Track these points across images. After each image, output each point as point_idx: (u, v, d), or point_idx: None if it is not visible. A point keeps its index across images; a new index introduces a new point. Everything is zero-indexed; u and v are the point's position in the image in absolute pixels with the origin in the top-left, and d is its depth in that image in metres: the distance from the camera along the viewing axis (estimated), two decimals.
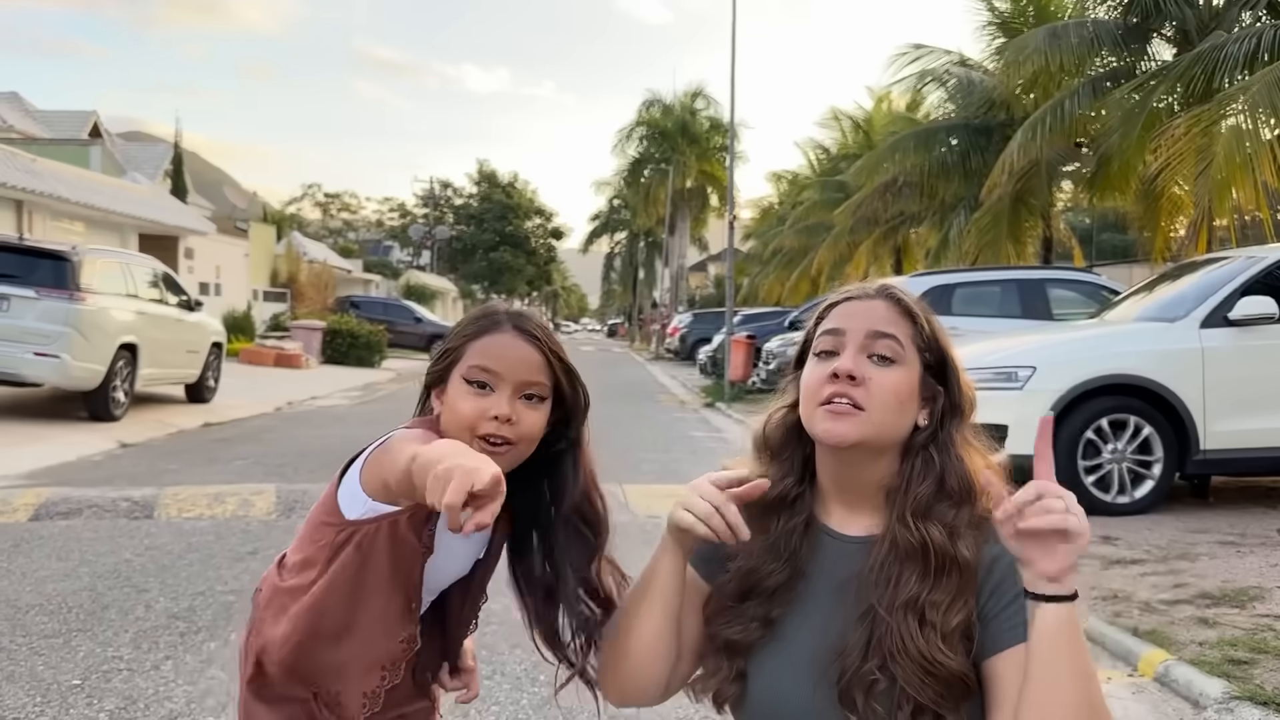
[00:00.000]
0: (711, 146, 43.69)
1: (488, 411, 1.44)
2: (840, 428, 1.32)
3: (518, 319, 1.52)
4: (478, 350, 1.48)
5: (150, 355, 11.35)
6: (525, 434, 1.47)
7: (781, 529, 1.40)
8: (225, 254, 26.61)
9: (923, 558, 1.30)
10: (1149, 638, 3.97)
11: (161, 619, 4.17)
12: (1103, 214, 31.55)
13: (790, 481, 1.43)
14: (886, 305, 1.38)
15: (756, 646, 1.38)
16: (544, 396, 1.50)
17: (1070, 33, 13.41)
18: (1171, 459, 6.49)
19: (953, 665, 1.25)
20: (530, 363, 1.48)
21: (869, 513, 1.39)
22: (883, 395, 1.32)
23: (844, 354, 1.34)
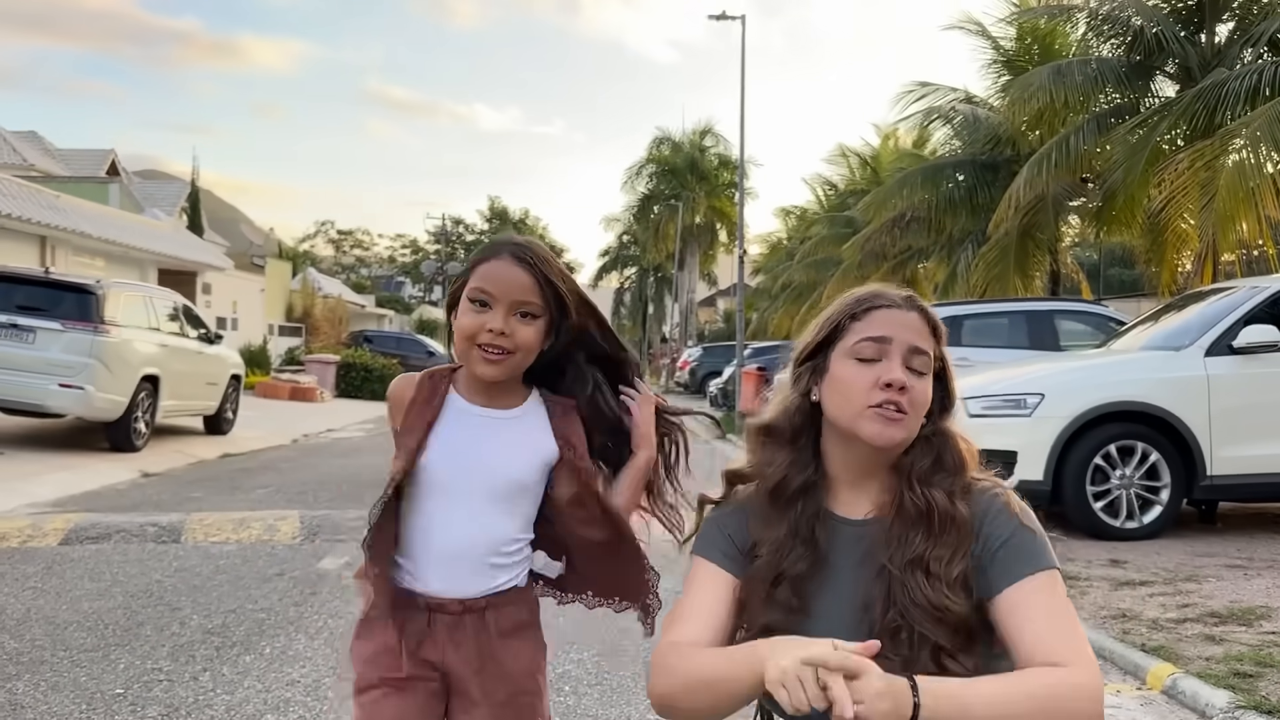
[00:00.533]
0: (720, 183, 44.04)
1: (484, 325, 1.69)
2: (893, 433, 1.50)
3: (516, 247, 1.75)
4: (479, 274, 1.72)
5: (171, 387, 11.54)
6: (520, 345, 1.71)
7: (800, 515, 1.56)
8: (242, 289, 26.93)
9: (927, 519, 1.49)
10: (1157, 653, 4.07)
11: (196, 634, 4.30)
12: (1109, 249, 31.73)
13: (811, 471, 1.58)
14: (919, 319, 1.55)
15: (793, 626, 1.50)
16: (536, 314, 1.72)
17: (1075, 70, 13.64)
18: (1179, 484, 6.59)
19: (957, 609, 1.44)
20: (523, 285, 1.70)
21: (874, 493, 1.56)
22: (920, 404, 1.52)
23: (892, 364, 1.51)
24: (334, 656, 4.00)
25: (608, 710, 3.55)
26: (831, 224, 29.20)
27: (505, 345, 1.70)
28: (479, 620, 1.75)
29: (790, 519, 1.56)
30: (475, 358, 1.71)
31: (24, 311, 10.22)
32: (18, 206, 15.81)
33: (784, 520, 1.56)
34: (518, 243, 1.76)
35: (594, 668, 3.98)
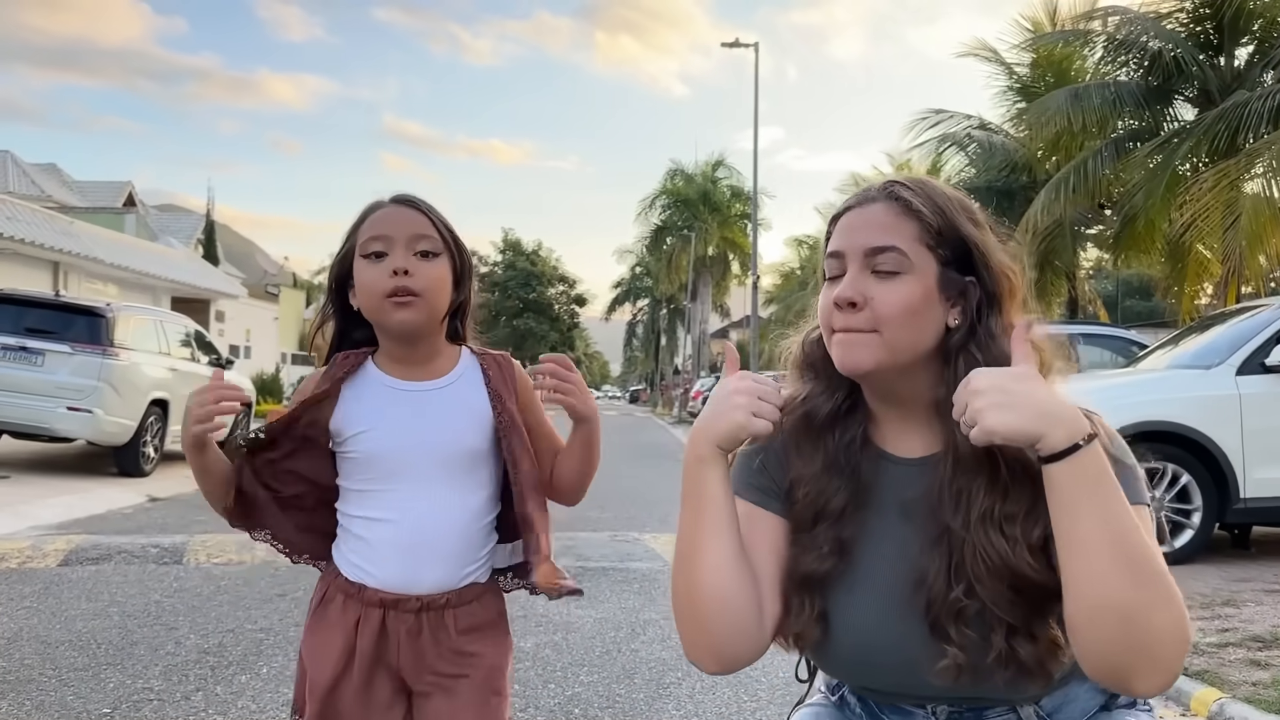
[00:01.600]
0: (732, 214, 44.08)
1: (387, 269, 1.54)
2: (852, 356, 1.24)
3: (398, 196, 1.62)
4: (367, 227, 1.58)
5: (181, 411, 11.39)
6: (428, 285, 1.55)
7: (838, 445, 1.33)
8: (255, 318, 26.93)
9: (990, 467, 1.20)
10: (1201, 678, 3.85)
11: (192, 654, 4.13)
12: (1126, 279, 31.55)
13: (840, 396, 1.35)
14: (885, 208, 1.26)
15: (834, 580, 1.29)
16: (436, 252, 1.57)
17: (1093, 94, 13.55)
18: (1211, 508, 6.37)
19: (1039, 579, 1.17)
20: (415, 221, 1.58)
21: (922, 429, 1.30)
22: (889, 313, 1.22)
23: (845, 277, 1.26)
24: None
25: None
26: None
27: (413, 286, 1.54)
28: (438, 620, 1.58)
29: (827, 448, 1.33)
30: (388, 309, 1.55)
31: (33, 334, 10.15)
32: (30, 231, 15.83)
33: (819, 450, 1.33)
34: (401, 193, 1.64)
35: (605, 690, 3.79)
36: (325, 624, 1.59)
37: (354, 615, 1.57)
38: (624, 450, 19.08)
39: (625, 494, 10.61)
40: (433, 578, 1.57)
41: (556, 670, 4.00)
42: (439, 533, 1.58)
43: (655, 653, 4.37)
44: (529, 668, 4.01)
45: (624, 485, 11.71)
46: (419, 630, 1.57)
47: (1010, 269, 1.29)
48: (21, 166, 32.60)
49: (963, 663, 1.19)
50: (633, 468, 14.85)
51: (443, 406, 1.61)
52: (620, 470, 14.08)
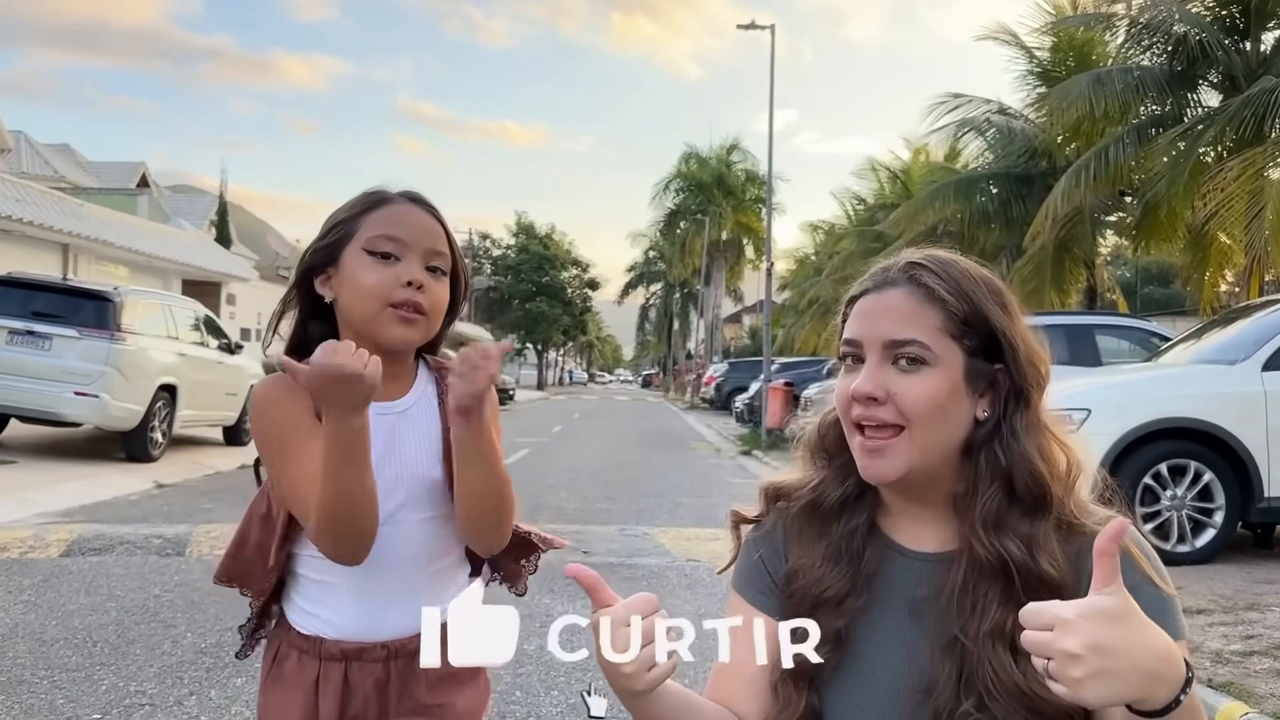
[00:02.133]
0: (747, 198, 43.82)
1: (400, 278, 1.37)
2: (880, 466, 1.14)
3: (410, 194, 1.46)
4: (377, 220, 1.40)
5: (189, 397, 11.37)
6: (436, 304, 1.41)
7: (841, 532, 1.23)
8: (267, 300, 26.86)
9: (1003, 577, 1.11)
10: (1226, 690, 3.72)
11: (188, 654, 4.04)
12: (1145, 266, 31.23)
13: (851, 483, 1.24)
14: (907, 295, 1.17)
15: (830, 673, 1.20)
16: (445, 271, 1.43)
17: (1115, 79, 13.28)
18: (1234, 506, 6.22)
19: (1053, 699, 1.03)
20: (434, 231, 1.42)
21: (939, 524, 1.21)
22: (915, 407, 1.13)
23: (864, 369, 1.16)
24: None
25: None
26: (860, 239, 28.85)
27: (422, 303, 1.38)
28: (407, 667, 1.41)
29: (830, 536, 1.23)
30: (387, 320, 1.36)
31: (40, 318, 10.10)
32: (39, 214, 15.78)
33: (822, 539, 1.24)
34: (410, 191, 1.46)
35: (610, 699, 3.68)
36: (281, 685, 1.44)
37: (311, 673, 1.42)
38: (635, 437, 18.99)
39: (635, 484, 10.51)
40: (399, 621, 1.41)
41: (560, 676, 3.89)
42: (405, 570, 1.41)
43: None
44: (531, 672, 3.90)
45: (634, 474, 11.61)
46: (386, 680, 1.42)
47: (1040, 358, 1.20)
48: (35, 147, 32.61)
49: None
50: (643, 455, 14.76)
51: (405, 434, 1.44)
52: (630, 458, 13.99)
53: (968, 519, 1.14)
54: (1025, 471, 1.13)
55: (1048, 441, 1.17)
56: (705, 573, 5.97)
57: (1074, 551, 1.13)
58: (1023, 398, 1.17)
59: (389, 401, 1.43)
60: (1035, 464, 1.14)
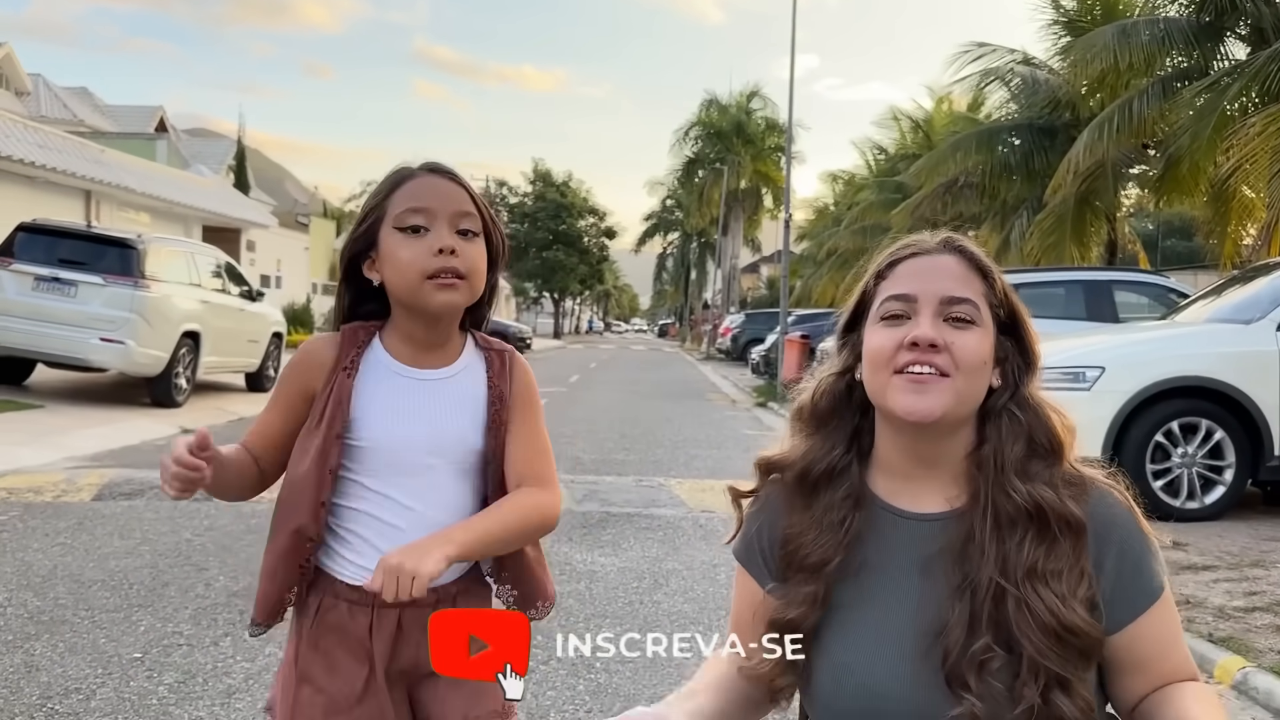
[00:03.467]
0: (766, 147, 43.45)
1: (432, 247, 1.45)
2: (925, 402, 1.22)
3: (430, 165, 1.53)
4: (403, 197, 1.49)
5: (212, 343, 11.53)
6: (472, 266, 1.48)
7: (827, 501, 1.32)
8: (286, 247, 27.02)
9: (1036, 521, 1.22)
10: (1225, 644, 3.83)
11: (221, 597, 4.20)
12: (1167, 219, 30.89)
13: (838, 453, 1.34)
14: (957, 262, 1.29)
15: (825, 630, 1.29)
16: (477, 231, 1.50)
17: (1141, 30, 13.09)
18: (1244, 465, 6.29)
19: (1089, 630, 1.19)
20: (458, 196, 1.49)
21: (946, 484, 1.29)
22: (968, 358, 1.23)
23: (920, 320, 1.25)
24: None
25: (639, 689, 3.39)
26: (880, 189, 28.65)
27: (459, 267, 1.46)
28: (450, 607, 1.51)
29: (817, 505, 1.32)
30: (429, 291, 1.46)
31: (66, 265, 10.23)
32: (62, 160, 15.88)
33: (811, 508, 1.33)
34: (431, 161, 1.54)
35: None
36: (331, 634, 1.51)
37: (364, 622, 1.49)
38: (650, 387, 19.11)
39: (650, 435, 10.64)
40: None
41: (579, 621, 4.03)
42: (445, 524, 1.50)
43: (677, 605, 4.39)
44: (551, 618, 4.03)
45: (650, 425, 11.74)
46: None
47: (1037, 341, 1.34)
48: (53, 90, 32.62)
49: (980, 713, 1.17)
50: (659, 406, 14.89)
51: (448, 398, 1.54)
52: (646, 409, 14.11)
53: (991, 475, 1.24)
54: (1043, 426, 1.27)
55: (1046, 408, 1.30)
56: (720, 523, 6.10)
57: (1085, 495, 1.25)
58: (1032, 368, 1.31)
59: (434, 369, 1.54)
60: (1048, 420, 1.27)
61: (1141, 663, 1.24)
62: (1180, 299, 9.72)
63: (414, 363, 1.54)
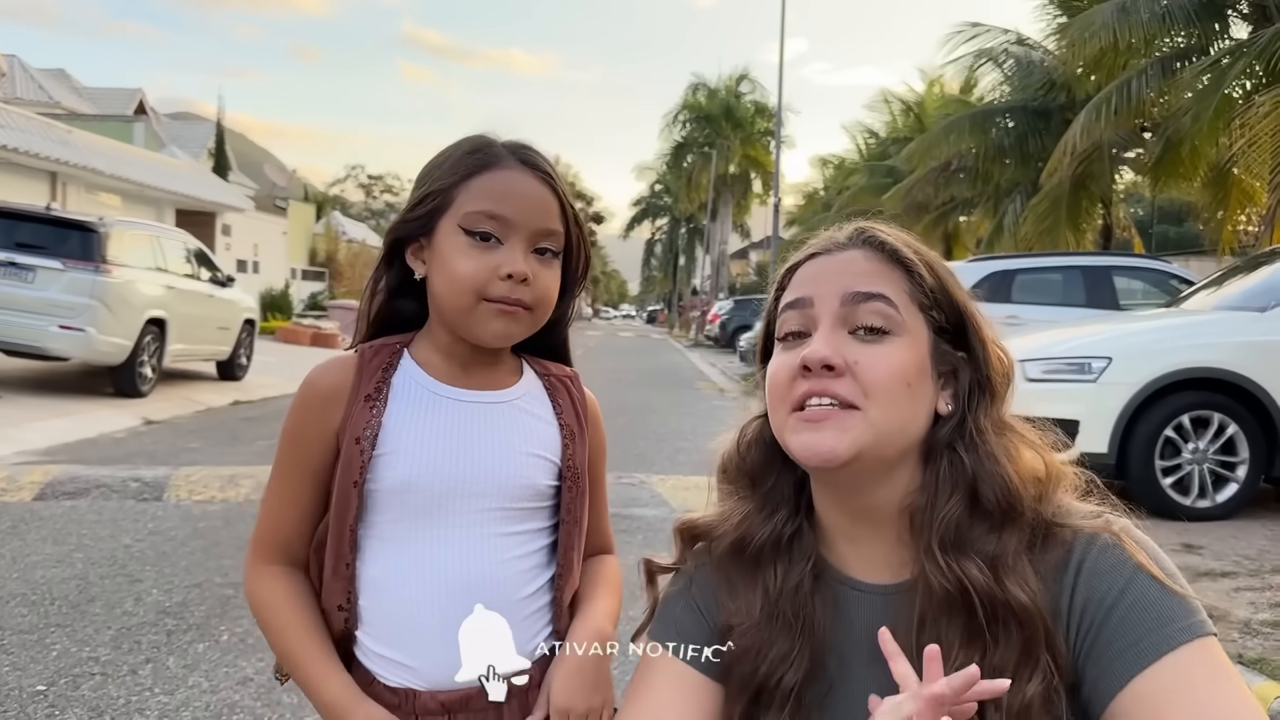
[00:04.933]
0: (756, 131, 43.02)
1: (500, 269, 1.11)
2: (825, 441, 0.92)
3: (521, 151, 1.16)
4: (479, 192, 1.12)
5: (179, 331, 11.10)
6: (543, 297, 1.14)
7: (782, 588, 0.98)
8: (264, 232, 26.49)
9: (965, 609, 0.89)
10: (1258, 667, 3.47)
11: (150, 615, 3.80)
12: (1160, 205, 30.62)
13: (781, 517, 1.01)
14: (865, 255, 0.99)
15: None
16: (557, 251, 1.15)
17: (1140, 8, 12.71)
18: (1258, 460, 5.95)
19: None
20: (546, 207, 1.15)
21: (891, 546, 0.97)
22: (880, 380, 0.92)
23: (815, 334, 0.94)
24: None
25: None
26: (871, 174, 28.27)
27: (525, 298, 1.11)
28: (523, 708, 1.14)
29: (767, 589, 0.99)
30: (482, 315, 1.11)
31: (24, 249, 9.78)
32: (25, 140, 15.34)
33: (757, 590, 0.99)
34: (522, 145, 1.17)
35: None
36: None
37: None
38: (637, 376, 18.74)
39: (634, 426, 10.26)
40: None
41: None
42: (498, 592, 1.14)
43: None
44: None
45: (633, 416, 11.37)
46: None
47: (1004, 349, 0.99)
48: (29, 71, 32.00)
49: None
50: (644, 395, 14.52)
51: (505, 425, 1.17)
52: (631, 399, 13.75)
53: (923, 539, 0.93)
54: (993, 477, 0.93)
55: (1016, 444, 0.95)
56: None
57: (1052, 564, 0.91)
58: (987, 392, 0.96)
59: (485, 390, 1.18)
60: (1004, 468, 0.94)
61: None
62: (1183, 285, 9.39)
63: (457, 382, 1.17)
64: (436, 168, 1.17)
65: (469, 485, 1.13)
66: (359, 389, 1.15)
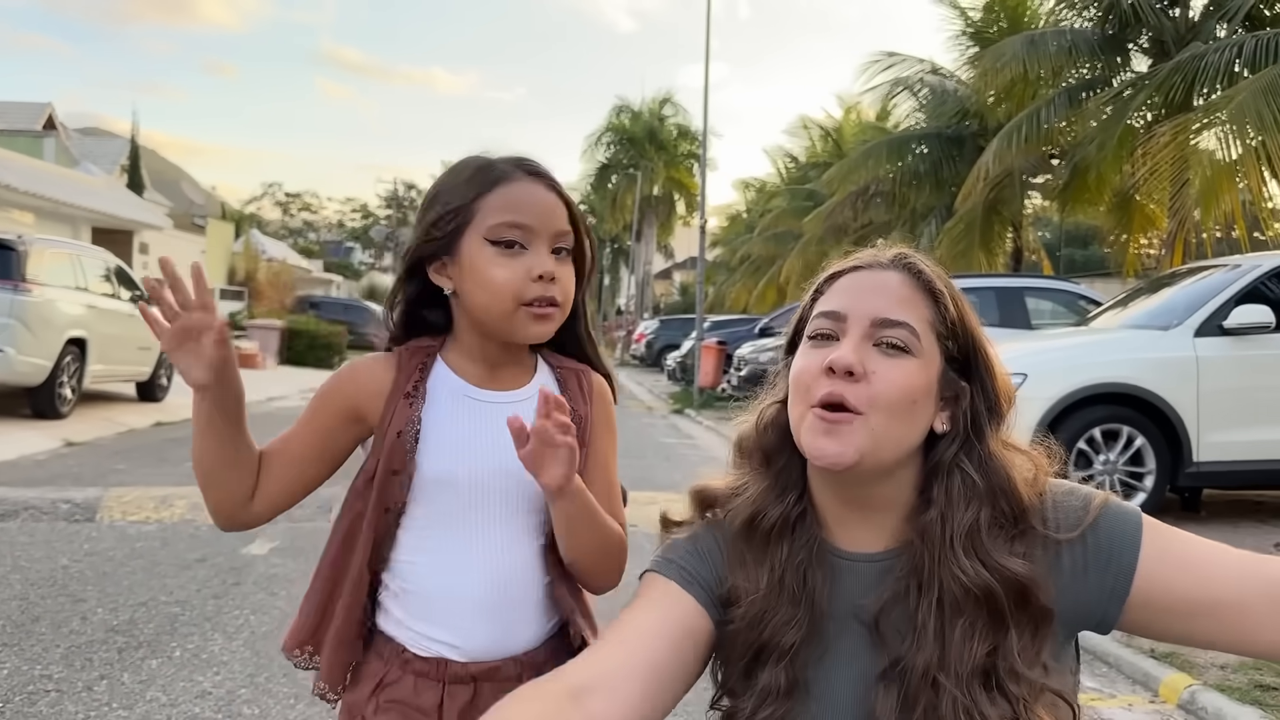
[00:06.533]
0: (679, 153, 43.48)
1: (531, 271, 1.22)
2: (834, 446, 1.03)
3: (525, 163, 1.28)
4: (499, 205, 1.24)
5: (100, 351, 10.86)
6: (567, 293, 1.27)
7: (787, 563, 1.11)
8: (182, 250, 25.92)
9: (988, 607, 1.03)
10: (1168, 660, 3.73)
11: (98, 633, 3.79)
12: (1067, 229, 31.83)
13: (791, 499, 1.14)
14: (902, 280, 1.10)
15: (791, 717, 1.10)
16: (569, 250, 1.28)
17: (1049, 41, 13.33)
18: (1164, 471, 6.30)
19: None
20: (557, 210, 1.27)
21: (881, 527, 1.11)
22: (890, 393, 1.04)
23: (845, 341, 1.06)
24: (254, 660, 3.52)
25: None
26: (792, 197, 28.87)
27: (556, 295, 1.24)
28: None
29: (774, 563, 1.11)
30: (522, 319, 1.23)
31: None
32: None
33: (765, 565, 1.11)
34: (524, 159, 1.29)
35: None
36: (390, 712, 1.25)
37: (433, 699, 1.25)
38: None
39: None
40: (527, 634, 1.28)
41: None
42: (526, 578, 1.27)
43: None
44: None
45: None
46: None
47: (1009, 381, 1.14)
48: None
49: None
50: None
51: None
52: None
53: (936, 544, 1.05)
54: (1006, 489, 1.07)
55: (1013, 455, 1.10)
56: (643, 538, 5.85)
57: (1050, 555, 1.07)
58: (996, 414, 1.10)
59: (507, 391, 1.30)
60: (1014, 480, 1.07)
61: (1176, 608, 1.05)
62: (1091, 305, 9.84)
63: (485, 384, 1.30)
64: (447, 189, 1.28)
65: (501, 480, 1.25)
66: (399, 386, 1.28)
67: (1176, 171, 10.31)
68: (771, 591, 1.09)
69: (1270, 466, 6.36)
